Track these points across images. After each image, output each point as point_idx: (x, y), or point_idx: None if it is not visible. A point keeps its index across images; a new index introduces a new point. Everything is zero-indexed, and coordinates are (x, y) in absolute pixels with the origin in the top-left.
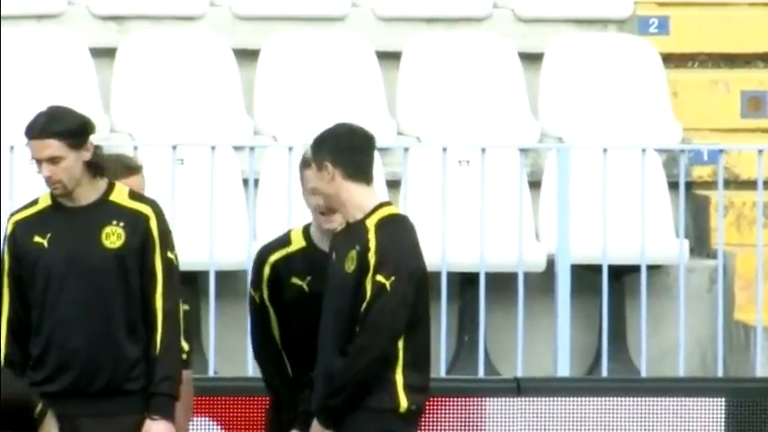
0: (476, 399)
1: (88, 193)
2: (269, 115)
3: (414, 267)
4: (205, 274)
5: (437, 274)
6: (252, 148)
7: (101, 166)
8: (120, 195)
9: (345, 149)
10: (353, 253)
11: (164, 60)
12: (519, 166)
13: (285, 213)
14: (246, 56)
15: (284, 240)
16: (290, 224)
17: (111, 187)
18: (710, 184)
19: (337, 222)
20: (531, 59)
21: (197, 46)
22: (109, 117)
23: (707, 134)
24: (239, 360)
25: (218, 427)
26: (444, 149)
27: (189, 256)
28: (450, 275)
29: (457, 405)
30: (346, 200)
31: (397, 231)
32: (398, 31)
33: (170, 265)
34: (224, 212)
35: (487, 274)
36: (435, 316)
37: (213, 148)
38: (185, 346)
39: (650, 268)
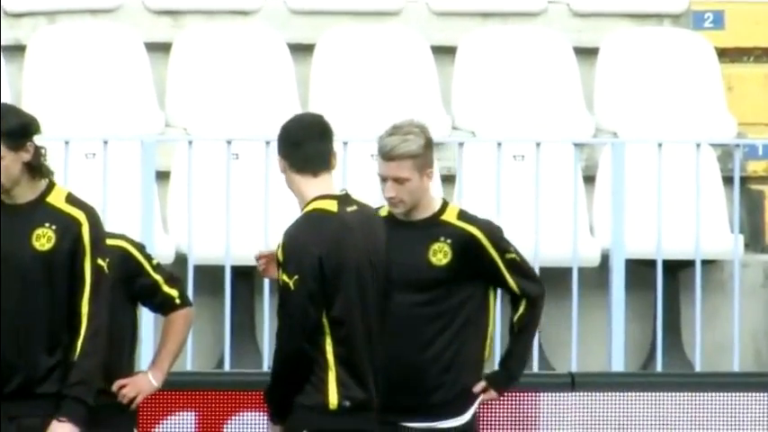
0: (530, 393)
1: (26, 193)
2: (324, 110)
3: (317, 265)
4: None
5: None
6: None
7: (41, 168)
8: (57, 198)
9: (292, 142)
10: None
11: (218, 55)
12: (574, 161)
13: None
14: (301, 50)
15: None
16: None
17: (49, 189)
18: (765, 179)
19: None
20: (587, 54)
21: (252, 40)
22: (164, 112)
23: (762, 129)
24: None
25: None
26: (499, 144)
27: (243, 251)
28: None
29: (511, 400)
30: (295, 191)
31: (303, 229)
32: (453, 26)
33: (99, 272)
34: (279, 208)
35: (542, 269)
36: None
37: (268, 142)
38: (174, 291)
39: (705, 263)
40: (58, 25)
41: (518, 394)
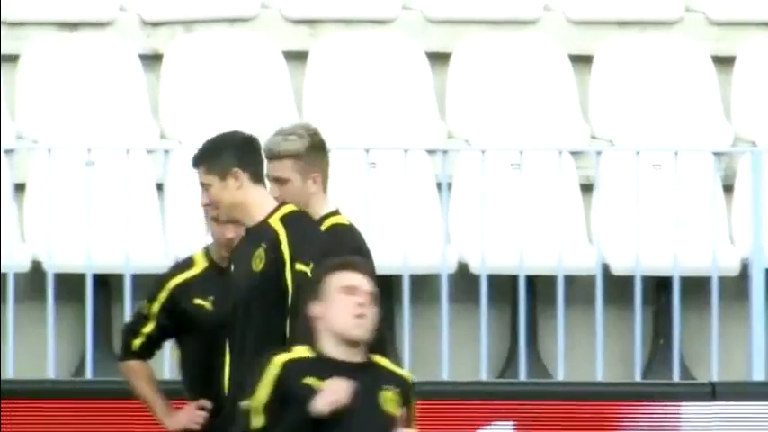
0: (671, 403)
1: None
2: (462, 119)
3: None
4: (399, 278)
5: (631, 279)
6: (445, 152)
7: None
8: None
9: (250, 153)
10: (260, 251)
11: (356, 64)
12: (712, 170)
13: (478, 216)
14: (439, 59)
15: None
16: (481, 226)
17: None
18: None
19: (235, 233)
20: (724, 63)
21: (389, 49)
22: (301, 120)
23: None
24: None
25: None
26: (637, 153)
27: (383, 260)
28: (645, 280)
29: (652, 409)
30: (249, 204)
31: (306, 223)
32: (590, 35)
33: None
34: (417, 216)
35: (682, 278)
36: (630, 320)
37: (406, 151)
38: None
39: None
40: (195, 34)
41: (659, 404)
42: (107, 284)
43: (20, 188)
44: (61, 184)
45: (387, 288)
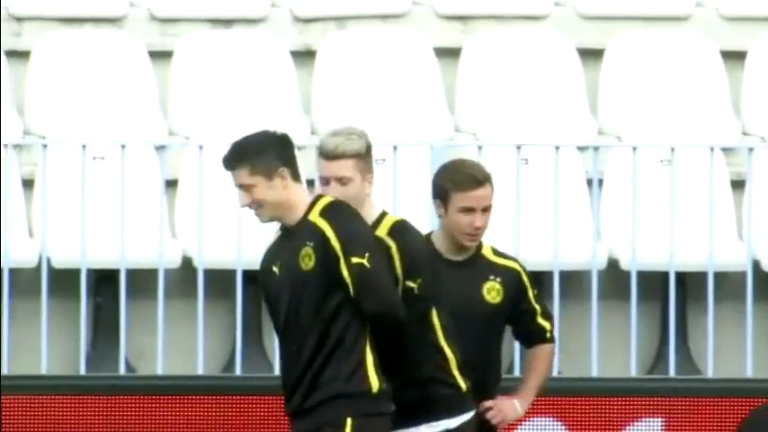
0: None
1: None
2: (613, 115)
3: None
4: (549, 274)
5: None
6: (596, 148)
7: None
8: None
9: (289, 151)
10: (307, 250)
11: (508, 60)
12: None
13: (629, 213)
14: (590, 55)
15: None
16: (634, 223)
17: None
18: None
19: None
20: None
21: (541, 46)
22: (453, 117)
23: None
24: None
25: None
26: None
27: (533, 256)
28: None
29: None
30: (295, 202)
31: (347, 213)
32: (742, 31)
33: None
34: (568, 212)
35: None
36: (743, 316)
37: (557, 147)
38: (547, 325)
39: None
40: (347, 31)
41: None
42: (257, 281)
43: (171, 184)
44: (212, 180)
45: (537, 284)
